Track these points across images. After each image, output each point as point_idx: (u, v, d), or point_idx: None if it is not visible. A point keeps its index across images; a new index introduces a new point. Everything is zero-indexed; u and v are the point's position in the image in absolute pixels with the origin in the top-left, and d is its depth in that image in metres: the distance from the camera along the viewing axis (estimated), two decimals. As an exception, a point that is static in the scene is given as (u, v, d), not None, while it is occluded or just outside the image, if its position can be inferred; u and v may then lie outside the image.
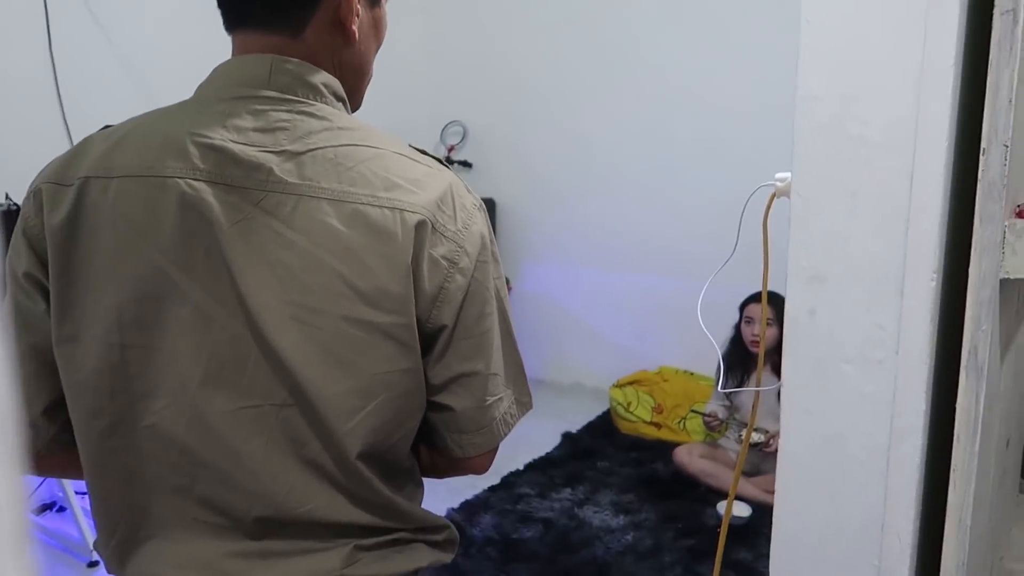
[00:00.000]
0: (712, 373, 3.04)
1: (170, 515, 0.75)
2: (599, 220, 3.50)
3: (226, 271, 0.70)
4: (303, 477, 0.73)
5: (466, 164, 3.72)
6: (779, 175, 1.08)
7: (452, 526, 0.86)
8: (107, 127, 0.79)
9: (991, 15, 0.74)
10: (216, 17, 0.78)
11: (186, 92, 0.79)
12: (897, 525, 0.82)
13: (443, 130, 3.75)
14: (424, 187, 0.75)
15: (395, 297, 0.72)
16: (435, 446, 0.83)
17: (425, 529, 0.82)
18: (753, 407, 1.19)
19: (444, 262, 0.74)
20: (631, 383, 3.21)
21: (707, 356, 2.88)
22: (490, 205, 3.65)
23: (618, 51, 3.35)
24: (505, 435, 0.83)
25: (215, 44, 0.80)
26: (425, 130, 3.76)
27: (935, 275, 0.78)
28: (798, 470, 0.89)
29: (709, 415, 2.66)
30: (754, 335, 2.58)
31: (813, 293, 0.84)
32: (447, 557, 0.86)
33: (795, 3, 0.82)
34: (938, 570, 0.81)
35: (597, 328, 3.60)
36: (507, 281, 3.47)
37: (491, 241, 0.80)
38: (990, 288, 0.76)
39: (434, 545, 0.83)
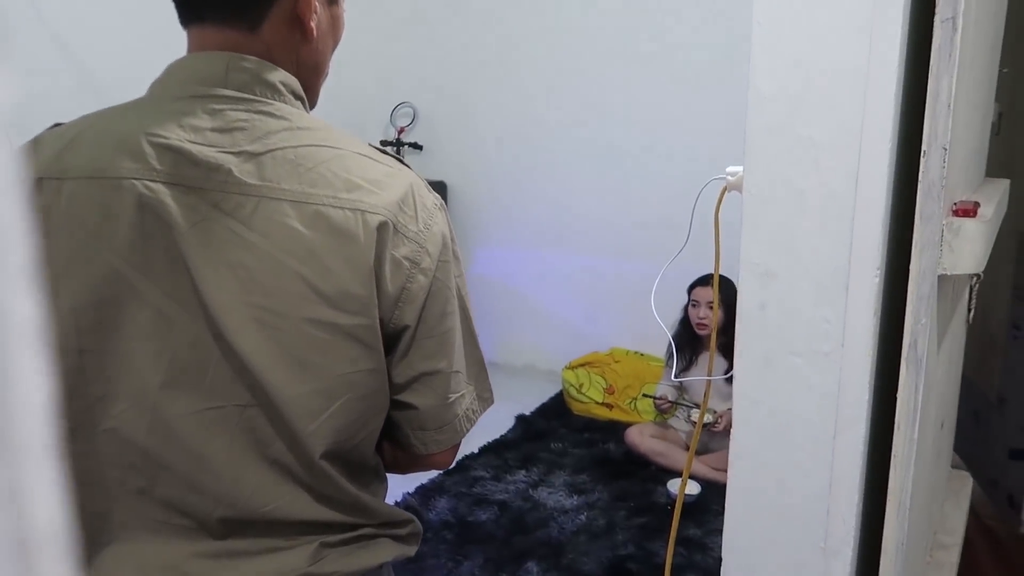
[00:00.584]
0: (662, 354, 3.10)
1: (132, 518, 0.74)
2: (550, 202, 3.52)
3: (186, 273, 0.70)
4: (267, 477, 0.73)
5: (416, 146, 3.69)
6: (730, 169, 1.10)
7: (416, 519, 0.88)
8: (57, 125, 0.77)
9: (932, 23, 0.77)
10: (167, 4, 0.76)
11: (130, 74, 0.77)
12: (841, 509, 0.86)
13: (393, 111, 3.71)
14: (385, 187, 0.75)
15: (357, 298, 0.72)
16: (398, 443, 0.83)
17: (390, 524, 0.83)
18: (705, 395, 1.22)
19: (406, 263, 0.74)
20: (583, 365, 3.26)
21: (657, 338, 2.94)
22: (441, 187, 3.63)
23: (568, 32, 3.36)
24: (467, 431, 0.85)
25: (163, 29, 0.78)
26: (375, 112, 3.71)
27: (878, 271, 0.81)
28: (749, 457, 0.92)
29: (660, 398, 2.72)
30: (700, 318, 2.64)
31: (764, 288, 0.87)
32: (411, 550, 0.87)
33: None
34: (879, 550, 0.86)
35: (549, 310, 3.63)
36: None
37: (452, 240, 0.81)
38: (929, 284, 0.80)
39: (398, 539, 0.85)
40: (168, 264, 0.70)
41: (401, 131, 3.69)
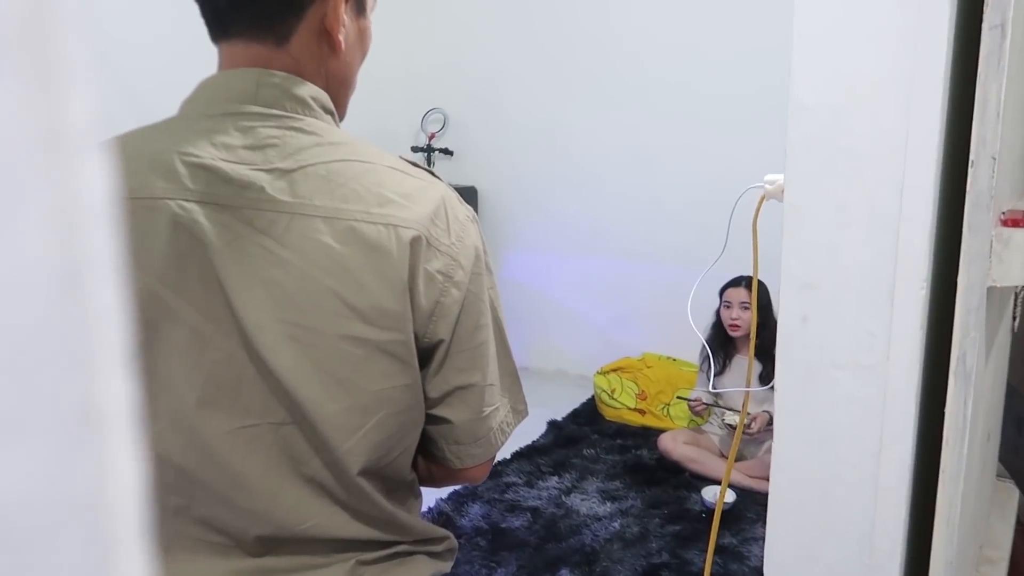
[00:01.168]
0: (695, 359, 3.07)
1: (170, 536, 0.75)
2: (581, 207, 3.51)
3: (220, 291, 0.70)
4: (303, 494, 0.74)
5: (447, 152, 3.70)
6: (768, 177, 1.09)
7: (451, 536, 0.88)
8: None
9: (980, 29, 0.75)
10: (194, 9, 0.76)
11: (164, 83, 0.78)
12: (887, 525, 0.84)
13: (423, 118, 3.73)
14: (417, 201, 0.75)
15: (392, 314, 0.72)
16: (432, 457, 0.83)
17: (425, 541, 0.84)
18: (744, 404, 1.21)
19: (439, 276, 0.74)
20: (614, 370, 3.24)
21: (690, 342, 2.91)
22: (471, 192, 3.64)
23: (600, 38, 3.34)
24: (502, 444, 0.84)
25: (194, 36, 0.78)
26: (406, 118, 3.73)
27: (925, 283, 0.80)
28: (791, 472, 0.91)
29: (694, 400, 2.69)
30: (733, 319, 2.62)
31: (805, 300, 0.86)
32: (447, 566, 0.87)
33: None
34: (927, 567, 0.84)
35: (580, 314, 3.62)
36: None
37: (485, 252, 0.80)
38: (978, 296, 0.78)
39: (434, 556, 0.85)
40: (202, 283, 0.70)
41: (432, 137, 3.70)
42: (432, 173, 0.81)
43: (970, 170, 0.76)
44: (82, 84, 0.11)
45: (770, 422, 2.46)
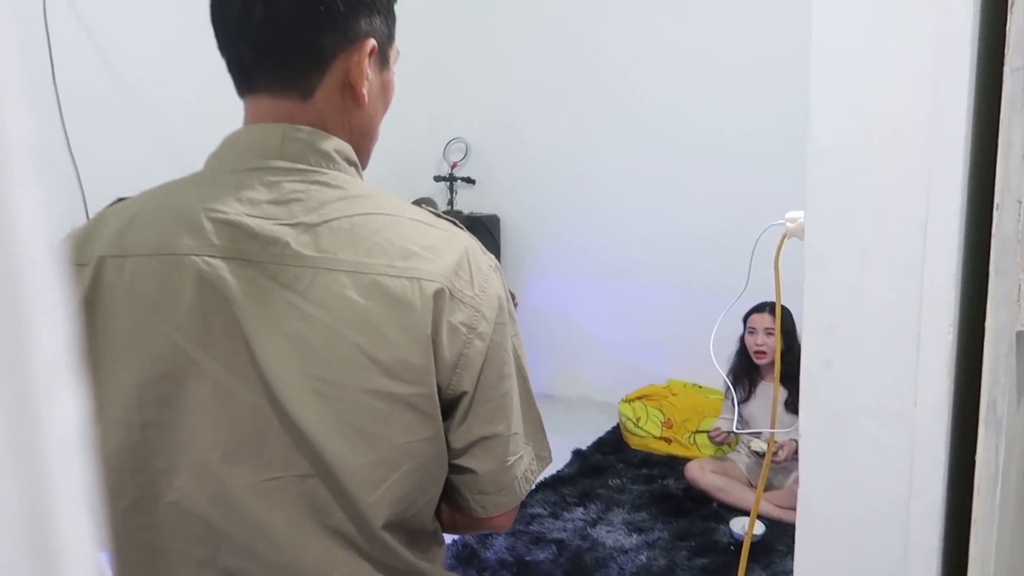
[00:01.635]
0: (720, 386, 3.04)
1: None
2: (603, 234, 3.50)
3: (244, 346, 0.71)
4: (327, 546, 0.74)
5: (469, 180, 3.72)
6: (790, 215, 1.08)
7: None
8: (120, 199, 0.80)
9: (1001, 70, 0.74)
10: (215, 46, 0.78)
11: (186, 115, 0.80)
12: (919, 575, 0.82)
13: (446, 147, 3.76)
14: (440, 253, 0.75)
15: (416, 368, 0.72)
16: (456, 506, 0.83)
17: None
18: (769, 442, 1.19)
19: (463, 328, 0.74)
20: (640, 398, 3.21)
21: (715, 369, 2.88)
22: (494, 220, 3.65)
23: (622, 69, 3.36)
24: (526, 493, 0.84)
25: (215, 70, 0.80)
26: (428, 147, 3.76)
27: (951, 328, 0.78)
28: (817, 519, 0.89)
29: (714, 431, 2.66)
30: (758, 345, 2.60)
31: (829, 344, 0.85)
32: None
33: (800, 25, 0.82)
34: (961, 620, 0.81)
35: (604, 341, 3.60)
36: (513, 296, 3.47)
37: (508, 300, 0.80)
38: (1007, 342, 0.76)
39: None
40: (227, 337, 0.71)
41: (454, 166, 3.73)
42: (455, 223, 0.81)
43: (995, 213, 0.74)
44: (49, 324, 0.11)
45: (797, 449, 2.42)
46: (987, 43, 0.77)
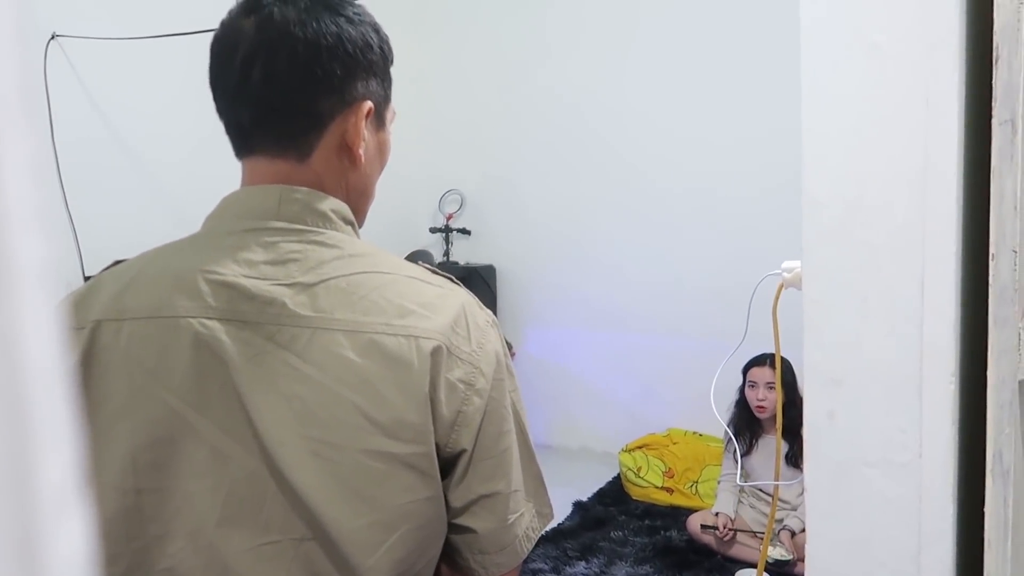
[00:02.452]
0: (720, 434, 3.01)
1: None
2: (601, 281, 3.51)
3: (241, 408, 0.70)
4: None
5: (465, 231, 3.75)
6: (786, 264, 1.08)
7: None
8: (117, 262, 0.80)
9: (990, 124, 0.75)
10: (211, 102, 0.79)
11: (183, 171, 0.80)
12: (932, 633, 0.80)
13: (441, 199, 3.79)
14: (437, 311, 0.75)
15: (414, 427, 0.71)
16: (456, 566, 0.81)
17: None
18: (773, 499, 1.17)
19: (461, 385, 0.74)
20: (640, 447, 3.18)
21: (714, 416, 2.86)
22: (490, 271, 3.67)
23: (618, 118, 3.41)
24: (528, 551, 0.82)
25: (212, 127, 0.81)
26: (423, 199, 3.80)
27: (953, 378, 0.78)
28: (825, 574, 0.87)
29: (721, 531, 2.56)
30: (759, 400, 2.58)
31: (831, 395, 0.84)
32: None
33: (793, 81, 0.83)
34: None
35: (602, 390, 3.58)
36: (510, 346, 3.45)
37: (506, 356, 0.80)
38: (1010, 391, 0.76)
39: None
40: (223, 400, 0.70)
41: (449, 217, 3.76)
42: (452, 280, 0.81)
43: (991, 263, 0.75)
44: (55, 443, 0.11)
45: (793, 535, 2.38)
46: (974, 96, 0.79)
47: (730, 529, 2.52)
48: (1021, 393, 0.79)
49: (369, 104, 0.78)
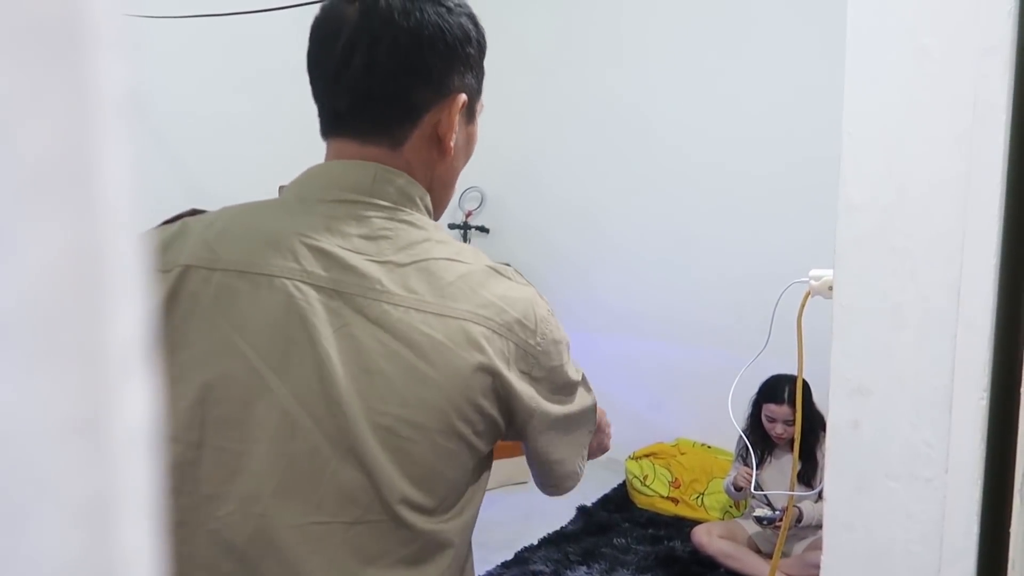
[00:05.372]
0: (730, 447, 2.98)
1: None
2: (615, 287, 3.49)
3: (319, 378, 0.69)
4: None
5: (483, 229, 3.74)
6: (813, 272, 1.07)
7: None
8: (195, 211, 0.80)
9: (1037, 134, 0.74)
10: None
11: (203, 152, 0.80)
12: (949, 653, 0.78)
13: (461, 196, 3.79)
14: (511, 304, 0.76)
15: (482, 411, 0.73)
16: None
17: None
18: (787, 508, 1.15)
19: (528, 374, 0.77)
20: (647, 455, 3.16)
21: (725, 429, 2.84)
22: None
23: (638, 120, 3.39)
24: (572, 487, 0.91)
25: (233, 107, 0.81)
26: (443, 195, 3.79)
27: (984, 393, 0.76)
28: (841, 588, 0.85)
29: (740, 479, 2.57)
30: (778, 434, 2.55)
31: (857, 405, 0.82)
32: None
33: (825, 83, 0.82)
34: None
35: (612, 396, 3.55)
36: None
37: (566, 344, 0.84)
38: (1043, 409, 0.74)
39: None
40: (304, 366, 0.69)
41: (468, 214, 3.75)
42: (519, 273, 0.85)
43: (1032, 277, 0.73)
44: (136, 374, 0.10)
45: (799, 519, 2.36)
46: (1021, 104, 0.77)
47: (747, 484, 2.53)
48: (1054, 412, 0.77)
49: (463, 97, 0.79)
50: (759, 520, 2.47)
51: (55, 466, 0.09)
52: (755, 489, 2.58)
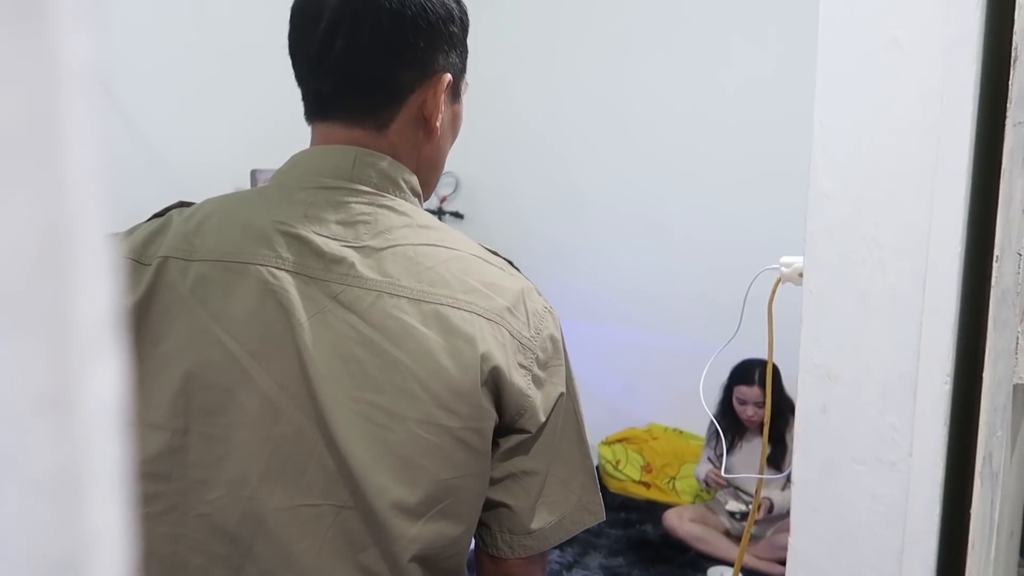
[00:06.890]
0: (702, 432, 3.02)
1: None
2: (590, 273, 3.51)
3: (298, 363, 0.69)
4: None
5: (458, 215, 3.73)
6: (784, 259, 1.08)
7: None
8: (183, 203, 0.79)
9: (1004, 124, 0.75)
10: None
11: (174, 133, 0.79)
12: (910, 631, 0.80)
13: (436, 181, 3.77)
14: (499, 292, 0.75)
15: (469, 402, 0.71)
16: (483, 542, 0.81)
17: None
18: (757, 490, 1.17)
19: (517, 368, 0.74)
20: (620, 440, 3.19)
21: (697, 414, 2.87)
22: (481, 257, 3.65)
23: (614, 104, 3.40)
24: (559, 541, 0.81)
25: (202, 84, 0.80)
26: (418, 181, 3.77)
27: (948, 379, 0.78)
28: (808, 569, 0.87)
29: (709, 474, 2.61)
30: (749, 416, 2.59)
31: (825, 390, 0.84)
32: None
33: (795, 75, 0.83)
34: None
35: (586, 382, 3.56)
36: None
37: (562, 343, 0.80)
38: (1004, 394, 0.76)
39: None
40: (282, 353, 0.69)
41: (443, 200, 3.74)
42: (512, 264, 0.82)
43: (995, 265, 0.74)
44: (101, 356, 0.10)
45: (770, 509, 2.41)
46: (989, 97, 0.78)
47: (716, 478, 2.56)
48: (1015, 396, 0.79)
49: (448, 77, 0.78)
50: (732, 515, 2.51)
51: (21, 442, 0.09)
52: (726, 473, 2.62)
